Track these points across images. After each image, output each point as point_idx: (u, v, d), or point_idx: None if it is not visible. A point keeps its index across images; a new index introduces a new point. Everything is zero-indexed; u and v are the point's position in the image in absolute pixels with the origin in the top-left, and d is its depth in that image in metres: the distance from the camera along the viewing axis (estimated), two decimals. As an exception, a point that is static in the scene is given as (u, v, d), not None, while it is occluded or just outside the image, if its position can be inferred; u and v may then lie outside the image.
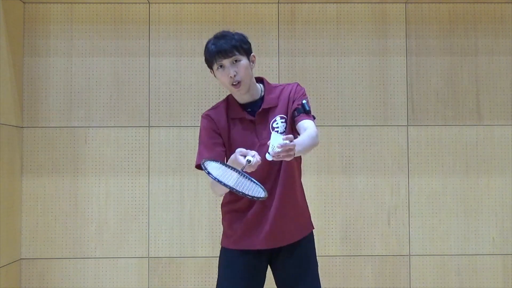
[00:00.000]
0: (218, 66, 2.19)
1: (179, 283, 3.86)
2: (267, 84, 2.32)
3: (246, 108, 2.26)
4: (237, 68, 2.17)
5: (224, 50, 2.14)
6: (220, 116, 2.26)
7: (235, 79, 2.16)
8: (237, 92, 2.21)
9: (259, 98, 2.27)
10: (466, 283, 3.91)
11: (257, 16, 3.98)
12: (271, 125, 2.20)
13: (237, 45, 2.17)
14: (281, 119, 2.21)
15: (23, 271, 3.83)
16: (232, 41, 2.17)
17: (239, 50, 2.17)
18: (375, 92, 3.98)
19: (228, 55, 2.15)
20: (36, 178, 3.87)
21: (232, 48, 2.15)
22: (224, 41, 2.16)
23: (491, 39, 4.03)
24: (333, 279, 3.86)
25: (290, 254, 2.27)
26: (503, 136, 3.98)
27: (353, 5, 4.01)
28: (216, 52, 2.15)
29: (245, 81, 2.19)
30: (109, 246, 3.86)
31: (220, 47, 2.15)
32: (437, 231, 3.93)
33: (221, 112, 2.27)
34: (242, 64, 2.18)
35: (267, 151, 1.95)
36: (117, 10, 3.97)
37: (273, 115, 2.22)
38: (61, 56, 3.94)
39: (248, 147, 2.06)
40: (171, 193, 3.89)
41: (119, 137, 3.91)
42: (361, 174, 3.93)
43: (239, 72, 2.17)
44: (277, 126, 2.20)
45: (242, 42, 2.20)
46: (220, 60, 2.16)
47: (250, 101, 2.26)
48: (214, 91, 3.94)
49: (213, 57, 2.17)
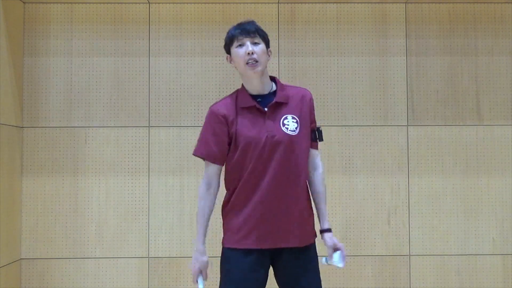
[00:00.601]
0: (238, 45, 2.22)
1: (179, 283, 3.86)
2: (279, 81, 2.34)
3: (256, 99, 2.26)
4: (257, 48, 2.20)
5: (247, 30, 2.20)
6: (229, 106, 2.25)
7: (252, 57, 2.18)
8: (252, 72, 2.20)
9: (271, 93, 2.28)
10: (466, 283, 3.91)
11: (257, 16, 3.98)
12: (282, 121, 2.20)
13: (259, 30, 2.24)
14: (293, 119, 2.22)
15: (23, 271, 3.83)
16: (256, 26, 2.24)
17: (260, 36, 2.23)
18: (375, 92, 3.98)
19: (250, 34, 2.20)
20: (36, 178, 3.87)
21: (255, 31, 2.21)
22: (248, 24, 2.23)
23: (491, 39, 4.03)
24: (333, 279, 3.87)
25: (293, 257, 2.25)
26: (503, 136, 3.98)
27: (353, 5, 4.01)
28: (240, 30, 2.21)
29: (261, 63, 2.21)
30: (109, 246, 3.86)
31: (244, 27, 2.21)
32: (437, 231, 3.93)
33: (230, 102, 2.27)
34: (261, 47, 2.22)
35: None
36: (117, 10, 3.97)
37: (284, 112, 2.23)
38: (61, 56, 3.94)
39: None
40: (171, 193, 3.89)
41: (119, 137, 3.91)
42: (361, 174, 3.93)
43: (257, 52, 2.19)
44: (287, 123, 2.21)
45: (264, 32, 2.26)
46: (241, 38, 2.20)
47: (261, 93, 2.27)
48: (214, 91, 3.94)
49: (235, 36, 2.21)
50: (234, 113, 2.22)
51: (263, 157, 2.17)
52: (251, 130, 2.18)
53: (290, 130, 2.19)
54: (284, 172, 2.18)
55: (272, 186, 2.17)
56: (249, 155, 2.18)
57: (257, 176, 2.18)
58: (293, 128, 2.20)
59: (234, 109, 2.23)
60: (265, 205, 2.19)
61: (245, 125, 2.20)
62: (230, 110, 2.23)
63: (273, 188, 2.17)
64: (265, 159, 2.17)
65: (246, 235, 2.21)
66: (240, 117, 2.21)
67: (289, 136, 2.19)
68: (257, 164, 2.17)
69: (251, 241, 2.20)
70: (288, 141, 2.18)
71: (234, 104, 2.25)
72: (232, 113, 2.22)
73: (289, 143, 2.18)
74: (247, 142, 2.17)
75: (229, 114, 2.22)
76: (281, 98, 2.24)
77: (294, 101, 2.26)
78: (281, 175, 2.18)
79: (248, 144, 2.17)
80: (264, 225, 2.19)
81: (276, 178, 2.18)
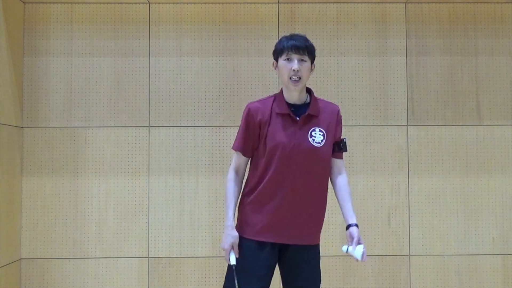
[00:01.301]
0: (286, 58, 2.38)
1: (179, 283, 3.86)
2: (313, 95, 2.51)
3: (290, 107, 2.43)
4: (302, 66, 2.37)
5: (298, 47, 2.36)
6: (265, 108, 2.42)
7: (297, 74, 2.36)
8: (294, 87, 2.38)
9: (305, 104, 2.45)
10: (466, 283, 3.91)
11: (257, 16, 3.98)
12: (310, 132, 2.39)
13: (309, 48, 2.40)
14: (320, 132, 2.41)
15: (23, 271, 3.83)
16: (307, 43, 2.40)
17: (309, 53, 2.40)
18: (375, 92, 3.98)
19: (300, 52, 2.37)
20: (36, 178, 3.87)
21: (305, 48, 2.38)
22: (301, 40, 2.39)
23: (491, 39, 4.03)
24: (333, 279, 3.87)
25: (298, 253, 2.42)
26: (503, 136, 3.98)
27: (353, 5, 4.01)
28: (291, 45, 2.37)
29: (303, 81, 2.39)
30: (109, 246, 3.86)
31: (296, 43, 2.37)
32: (437, 231, 3.93)
33: (267, 104, 2.44)
34: (306, 65, 2.39)
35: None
36: (117, 10, 3.97)
37: (313, 124, 2.41)
38: (61, 56, 3.94)
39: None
40: (171, 193, 3.90)
41: (119, 137, 3.91)
42: (361, 174, 3.93)
43: (302, 70, 2.37)
44: (314, 135, 2.39)
45: (313, 49, 2.43)
46: (291, 54, 2.37)
47: (297, 103, 2.44)
48: (214, 91, 3.94)
49: (286, 49, 2.37)
50: (268, 116, 2.40)
51: (288, 162, 2.35)
52: (281, 135, 2.37)
53: (316, 142, 2.38)
54: (305, 178, 2.37)
55: (293, 189, 2.36)
56: (276, 157, 2.36)
57: (280, 177, 2.36)
58: (319, 141, 2.39)
59: (269, 112, 2.41)
60: (284, 206, 2.37)
61: (277, 129, 2.38)
62: (265, 112, 2.41)
63: (293, 191, 2.36)
64: (289, 164, 2.35)
65: (263, 230, 2.38)
66: (273, 120, 2.40)
67: (314, 147, 2.38)
68: (281, 167, 2.36)
69: (268, 235, 2.38)
70: (312, 151, 2.37)
71: (270, 107, 2.42)
72: (266, 114, 2.40)
73: (313, 153, 2.38)
74: (275, 145, 2.36)
75: (263, 115, 2.40)
76: (313, 111, 2.42)
77: (324, 115, 2.45)
78: (302, 180, 2.37)
79: (276, 147, 2.36)
80: (280, 222, 2.38)
81: (297, 183, 2.36)
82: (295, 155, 2.35)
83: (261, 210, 2.39)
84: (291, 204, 2.37)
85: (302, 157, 2.36)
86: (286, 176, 2.35)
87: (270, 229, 2.37)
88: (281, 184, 2.36)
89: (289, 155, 2.35)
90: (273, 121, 2.39)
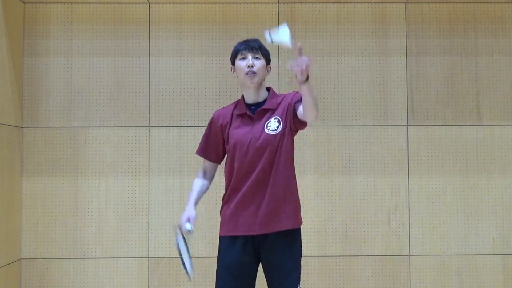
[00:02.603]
0: (241, 58, 2.53)
1: (179, 283, 3.86)
2: (272, 91, 2.62)
3: (250, 107, 2.56)
4: (256, 62, 2.51)
5: (251, 46, 2.52)
6: (227, 112, 2.60)
7: (251, 69, 2.49)
8: (250, 82, 2.50)
9: (263, 101, 2.56)
10: (466, 283, 3.91)
11: (257, 16, 3.98)
12: (266, 124, 2.48)
13: (261, 48, 2.55)
14: (275, 119, 2.50)
15: (23, 271, 3.83)
16: (259, 44, 2.56)
17: (262, 53, 2.54)
18: (375, 92, 3.98)
19: (252, 50, 2.52)
20: (36, 178, 3.87)
21: (258, 48, 2.53)
22: (253, 41, 2.56)
23: (491, 39, 4.03)
24: (333, 279, 3.87)
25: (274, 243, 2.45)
26: (503, 136, 3.98)
27: (353, 5, 4.01)
28: (244, 46, 2.53)
29: (259, 76, 2.51)
30: (109, 246, 3.86)
31: (248, 43, 2.54)
32: (437, 231, 3.93)
33: (229, 109, 2.62)
34: (261, 62, 2.53)
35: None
36: (117, 10, 3.97)
37: (269, 116, 2.51)
38: (61, 56, 3.94)
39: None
40: (171, 193, 3.89)
41: (119, 137, 3.91)
42: (361, 174, 3.93)
43: (256, 65, 2.50)
44: (270, 125, 2.48)
45: (266, 50, 2.57)
46: (245, 53, 2.52)
47: (256, 101, 2.56)
48: (214, 91, 3.94)
49: (240, 50, 2.53)
50: (229, 119, 2.56)
51: (247, 157, 2.45)
52: (239, 133, 2.51)
53: (271, 130, 2.47)
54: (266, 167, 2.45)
55: (255, 181, 2.44)
56: (237, 154, 2.48)
57: (243, 172, 2.46)
58: (274, 128, 2.48)
59: (230, 115, 2.57)
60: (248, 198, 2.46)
61: (235, 129, 2.53)
62: (227, 116, 2.58)
63: (255, 182, 2.44)
64: (249, 158, 2.45)
65: (233, 225, 2.49)
66: (234, 122, 2.56)
67: (269, 135, 2.46)
68: (243, 163, 2.46)
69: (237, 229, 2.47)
70: (268, 140, 2.46)
71: (231, 111, 2.59)
72: (227, 118, 2.57)
73: (269, 141, 2.45)
74: (234, 144, 2.49)
75: (224, 119, 2.57)
76: (268, 105, 2.53)
77: (281, 105, 2.53)
78: (263, 170, 2.45)
79: (235, 145, 2.49)
80: (246, 215, 2.46)
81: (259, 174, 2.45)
82: (253, 148, 2.45)
83: (230, 207, 2.49)
84: (254, 195, 2.45)
85: (260, 148, 2.44)
86: (249, 170, 2.45)
87: (237, 223, 2.46)
88: (245, 179, 2.46)
89: (247, 150, 2.45)
90: (233, 123, 2.55)
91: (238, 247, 2.46)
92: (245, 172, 2.46)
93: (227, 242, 2.50)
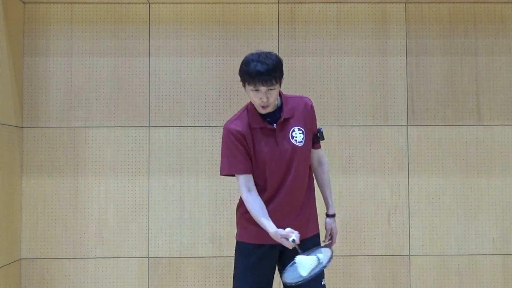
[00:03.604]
0: (254, 89, 2.36)
1: (179, 283, 3.86)
2: (283, 95, 2.51)
3: (265, 118, 2.46)
4: (270, 94, 2.37)
5: (264, 79, 2.32)
6: (243, 125, 2.45)
7: (266, 103, 2.37)
8: (264, 111, 2.42)
9: (277, 109, 2.47)
10: (466, 283, 3.91)
11: (257, 16, 3.98)
12: (290, 134, 2.44)
13: (276, 75, 2.35)
14: (299, 131, 2.46)
15: (23, 271, 3.83)
16: (273, 73, 2.33)
17: (276, 80, 2.36)
18: (375, 92, 3.98)
19: (267, 83, 2.33)
20: (36, 178, 3.87)
21: (271, 78, 2.33)
22: (266, 71, 2.32)
23: (491, 39, 4.03)
24: (333, 279, 3.86)
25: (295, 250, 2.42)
26: (503, 136, 3.98)
27: (353, 5, 4.01)
28: (257, 78, 2.32)
29: (273, 103, 2.42)
30: (109, 246, 3.86)
31: (261, 75, 2.32)
32: (437, 231, 3.93)
33: (243, 121, 2.46)
34: (275, 92, 2.38)
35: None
36: (117, 10, 3.97)
37: (291, 125, 2.45)
38: (61, 56, 3.94)
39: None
40: (171, 193, 3.89)
41: (119, 137, 3.91)
42: (361, 174, 3.93)
43: (270, 98, 2.37)
44: (295, 135, 2.44)
45: (280, 72, 2.38)
46: (258, 85, 2.34)
47: (269, 111, 2.46)
48: (214, 91, 3.94)
49: (252, 80, 2.34)
50: (248, 132, 2.43)
51: (280, 169, 2.42)
52: (266, 150, 2.42)
53: (298, 142, 2.44)
54: (295, 180, 2.44)
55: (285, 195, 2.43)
56: (266, 171, 2.43)
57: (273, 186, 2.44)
58: (300, 139, 2.45)
59: (248, 128, 2.43)
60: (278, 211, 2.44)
61: (260, 145, 2.43)
62: (245, 129, 2.43)
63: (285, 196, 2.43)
64: (279, 173, 2.42)
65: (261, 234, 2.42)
66: (254, 136, 2.44)
67: (297, 147, 2.43)
68: (272, 177, 2.43)
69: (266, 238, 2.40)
70: (295, 152, 2.43)
71: (247, 123, 2.44)
72: (246, 131, 2.43)
73: (298, 153, 2.44)
74: (263, 161, 2.42)
75: (245, 132, 2.43)
76: (287, 114, 2.45)
77: (298, 112, 2.48)
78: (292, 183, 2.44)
79: (264, 162, 2.42)
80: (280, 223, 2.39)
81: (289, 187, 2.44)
82: (285, 161, 2.42)
83: None
84: (283, 207, 2.44)
85: (288, 160, 2.42)
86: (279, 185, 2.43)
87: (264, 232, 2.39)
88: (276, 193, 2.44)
89: (279, 165, 2.42)
90: (255, 137, 2.43)
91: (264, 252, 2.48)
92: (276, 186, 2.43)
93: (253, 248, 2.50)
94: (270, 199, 2.45)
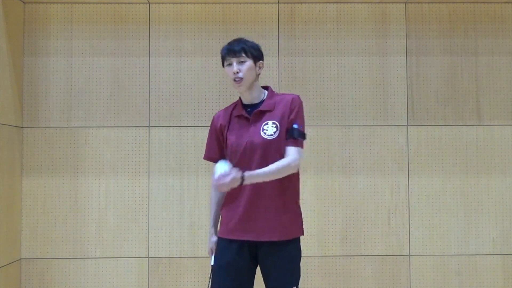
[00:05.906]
0: (227, 64, 2.50)
1: (179, 283, 3.86)
2: (270, 91, 2.58)
3: (247, 108, 2.53)
4: (242, 67, 2.46)
5: (233, 51, 2.47)
6: (226, 114, 2.56)
7: (237, 75, 2.45)
8: (238, 87, 2.48)
9: (260, 102, 2.53)
10: (466, 283, 3.91)
11: (257, 16, 3.99)
12: (262, 127, 2.44)
13: (246, 48, 2.48)
14: (273, 124, 2.44)
15: (23, 271, 3.83)
16: (243, 45, 2.49)
17: (246, 53, 2.47)
18: (375, 92, 3.98)
19: (236, 55, 2.46)
20: (36, 178, 3.87)
21: (240, 50, 2.46)
22: (237, 44, 2.49)
23: (491, 39, 4.03)
24: (333, 279, 3.87)
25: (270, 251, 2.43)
26: (503, 136, 3.98)
27: (353, 5, 4.01)
28: (227, 51, 2.49)
29: (246, 80, 2.47)
30: (109, 246, 3.86)
31: (231, 48, 2.49)
32: (437, 231, 3.93)
33: (228, 110, 2.58)
34: (246, 65, 2.47)
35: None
36: (117, 10, 3.97)
37: (266, 118, 2.46)
38: (61, 56, 3.94)
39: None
40: (171, 193, 3.90)
41: (119, 137, 3.91)
42: (361, 174, 3.93)
43: (242, 71, 2.45)
44: (266, 128, 2.44)
45: (252, 48, 2.50)
46: (229, 59, 2.48)
47: (253, 102, 2.53)
48: (214, 91, 3.94)
49: (225, 56, 2.51)
50: (228, 120, 2.54)
51: (244, 159, 2.42)
52: (236, 136, 2.47)
53: (268, 135, 2.42)
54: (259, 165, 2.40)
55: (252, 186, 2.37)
56: (234, 157, 2.45)
57: None
58: (271, 133, 2.43)
59: (229, 117, 2.54)
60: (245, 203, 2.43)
61: (233, 131, 2.50)
62: (225, 118, 2.55)
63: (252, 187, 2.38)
64: (246, 161, 2.41)
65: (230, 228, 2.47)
66: (231, 124, 2.53)
67: (266, 140, 2.41)
68: (240, 165, 2.38)
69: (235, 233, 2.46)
70: (264, 145, 2.41)
71: (230, 113, 2.56)
72: (226, 120, 2.54)
73: (266, 146, 2.41)
74: (231, 146, 2.47)
75: (224, 120, 2.55)
76: (265, 107, 2.48)
77: (280, 107, 2.47)
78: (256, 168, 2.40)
79: (232, 148, 2.46)
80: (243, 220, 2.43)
81: None
82: (249, 151, 2.41)
83: (229, 210, 2.49)
84: (250, 200, 2.41)
85: (256, 152, 2.40)
86: None
87: (234, 228, 2.45)
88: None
89: (244, 153, 2.42)
90: (231, 125, 2.52)
91: (234, 250, 2.45)
92: None
93: (224, 243, 2.50)
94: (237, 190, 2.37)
